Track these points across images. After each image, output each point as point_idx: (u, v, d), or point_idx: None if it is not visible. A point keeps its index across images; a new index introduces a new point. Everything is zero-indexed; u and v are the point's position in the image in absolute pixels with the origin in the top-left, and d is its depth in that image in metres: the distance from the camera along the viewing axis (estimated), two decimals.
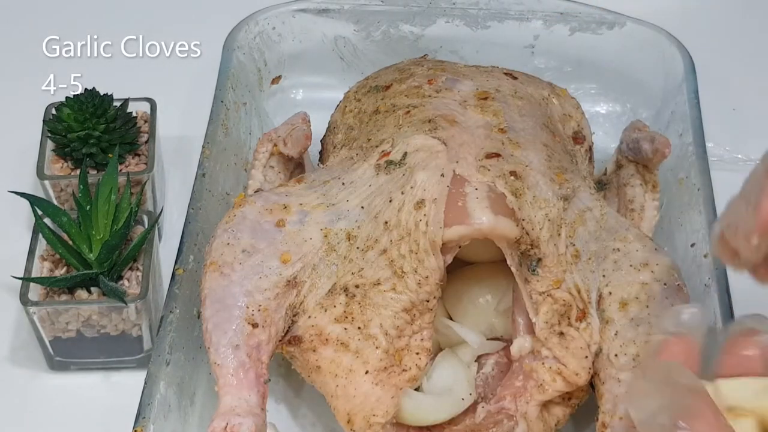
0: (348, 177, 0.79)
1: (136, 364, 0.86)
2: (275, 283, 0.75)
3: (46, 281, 0.82)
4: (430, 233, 0.73)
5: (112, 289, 0.81)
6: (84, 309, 0.82)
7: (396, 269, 0.74)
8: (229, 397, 0.70)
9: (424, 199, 0.74)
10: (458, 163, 0.76)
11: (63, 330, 0.83)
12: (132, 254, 0.84)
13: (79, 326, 0.83)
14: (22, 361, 0.87)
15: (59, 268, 0.85)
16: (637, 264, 0.76)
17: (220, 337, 0.72)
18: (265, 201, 0.78)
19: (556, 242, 0.76)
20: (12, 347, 0.88)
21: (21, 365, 0.87)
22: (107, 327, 0.83)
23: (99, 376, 0.86)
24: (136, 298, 0.82)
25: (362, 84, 0.92)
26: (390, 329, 0.73)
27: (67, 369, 0.86)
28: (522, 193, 0.76)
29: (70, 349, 0.85)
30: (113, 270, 0.83)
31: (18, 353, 0.88)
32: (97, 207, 0.84)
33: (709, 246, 0.83)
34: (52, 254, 0.85)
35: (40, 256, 0.85)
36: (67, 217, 0.84)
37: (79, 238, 0.83)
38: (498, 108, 0.83)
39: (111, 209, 0.84)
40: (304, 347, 0.74)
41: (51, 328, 0.83)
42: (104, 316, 0.82)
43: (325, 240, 0.76)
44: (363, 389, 0.72)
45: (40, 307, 0.81)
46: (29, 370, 0.87)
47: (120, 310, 0.82)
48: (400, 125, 0.82)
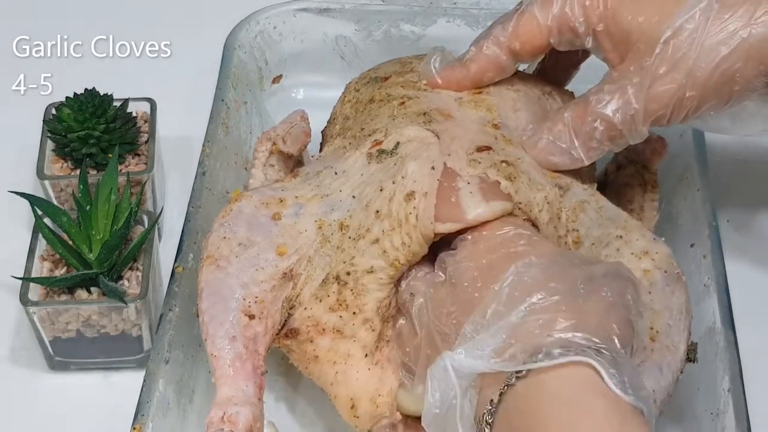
0: (340, 166, 0.79)
1: (136, 364, 0.86)
2: (271, 275, 0.75)
3: (46, 281, 0.82)
4: (421, 227, 0.73)
5: (112, 289, 0.81)
6: (84, 309, 0.82)
7: (392, 261, 0.74)
8: (226, 388, 0.70)
9: (414, 191, 0.73)
10: (450, 156, 0.76)
11: (63, 330, 0.83)
12: (132, 254, 0.84)
13: (79, 326, 0.83)
14: (22, 361, 0.87)
15: (59, 268, 0.85)
16: (638, 252, 0.76)
17: (216, 329, 0.71)
18: (261, 195, 0.78)
19: (556, 225, 0.76)
20: (12, 347, 0.88)
21: (21, 365, 0.87)
22: (107, 327, 0.83)
23: (99, 376, 0.86)
24: (136, 298, 0.82)
25: (364, 75, 0.92)
26: (384, 311, 0.74)
27: (67, 369, 0.86)
28: (516, 177, 0.75)
29: (70, 349, 0.85)
30: (113, 270, 0.83)
31: (18, 353, 0.88)
32: (97, 207, 0.84)
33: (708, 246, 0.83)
34: (52, 254, 0.85)
35: (40, 256, 0.85)
36: (67, 217, 0.83)
37: (79, 238, 0.83)
38: (492, 102, 0.82)
39: (111, 209, 0.84)
40: (301, 338, 0.75)
41: (51, 328, 0.83)
42: (104, 316, 0.82)
43: (320, 231, 0.76)
44: (365, 371, 0.73)
45: (40, 307, 0.81)
46: (29, 370, 0.87)
47: (120, 310, 0.82)
48: (394, 116, 0.81)
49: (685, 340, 0.74)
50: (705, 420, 0.77)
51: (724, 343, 0.77)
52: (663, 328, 0.73)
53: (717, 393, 0.76)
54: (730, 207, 0.96)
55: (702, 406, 0.78)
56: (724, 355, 0.76)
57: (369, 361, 0.73)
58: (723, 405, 0.75)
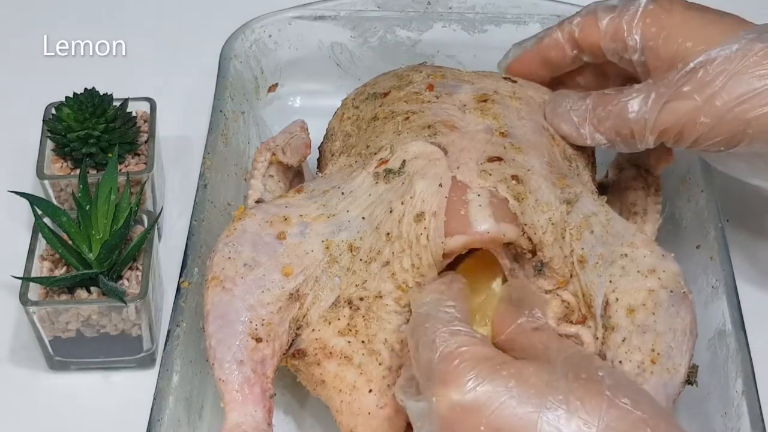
0: (347, 186, 0.79)
1: (135, 364, 0.86)
2: (278, 297, 0.74)
3: (45, 281, 0.82)
4: (432, 247, 0.73)
5: (111, 289, 0.81)
6: (84, 309, 0.82)
7: (400, 284, 0.74)
8: (235, 414, 0.69)
9: (423, 212, 0.73)
10: (459, 168, 0.76)
11: (63, 330, 0.83)
12: (132, 254, 0.84)
13: (78, 326, 0.83)
14: (22, 361, 0.87)
15: (59, 267, 0.85)
16: (645, 270, 0.75)
17: (224, 353, 0.71)
18: (265, 213, 0.78)
19: (561, 245, 0.76)
20: (12, 347, 0.88)
21: (21, 365, 0.87)
22: (107, 327, 0.83)
23: (99, 376, 0.86)
24: (135, 298, 0.81)
25: (360, 91, 0.91)
26: (394, 344, 0.73)
27: (66, 369, 0.86)
28: (524, 197, 0.75)
29: (69, 348, 0.85)
30: (113, 270, 0.83)
31: (18, 353, 0.87)
32: (97, 207, 0.84)
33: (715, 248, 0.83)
34: (52, 254, 0.85)
35: (40, 255, 0.85)
36: (67, 216, 0.83)
37: (78, 237, 0.83)
38: (498, 111, 0.82)
39: (111, 209, 0.84)
40: (308, 360, 0.74)
41: (51, 327, 0.83)
42: (104, 315, 0.82)
43: (327, 252, 0.76)
44: (367, 409, 0.72)
45: (39, 306, 0.81)
46: (29, 370, 0.86)
47: (120, 309, 0.82)
48: (399, 131, 0.81)
49: (686, 362, 0.73)
50: (718, 423, 0.76)
51: (736, 345, 0.76)
52: (665, 350, 0.72)
53: (730, 396, 0.75)
54: (731, 207, 0.96)
55: (715, 410, 0.77)
56: (736, 358, 0.76)
57: (375, 400, 0.72)
58: (737, 408, 0.74)
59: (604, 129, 0.81)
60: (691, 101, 0.76)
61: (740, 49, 0.76)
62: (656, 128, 0.78)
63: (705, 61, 0.76)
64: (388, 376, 0.72)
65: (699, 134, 0.77)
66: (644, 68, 0.81)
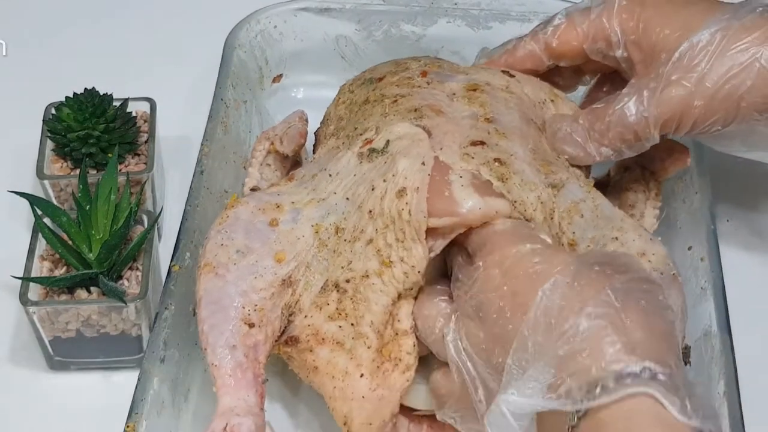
0: (333, 167, 0.79)
1: (135, 364, 0.86)
2: (270, 283, 0.74)
3: (45, 281, 0.82)
4: (414, 222, 0.72)
5: (111, 289, 0.81)
6: (84, 309, 0.82)
7: (383, 259, 0.73)
8: (228, 398, 0.70)
9: (405, 188, 0.73)
10: (442, 149, 0.76)
11: (63, 330, 0.83)
12: (132, 254, 0.84)
13: (78, 326, 0.83)
14: (21, 361, 0.87)
15: (59, 267, 0.85)
16: (635, 253, 0.75)
17: (216, 338, 0.71)
18: (257, 201, 0.78)
19: (550, 225, 0.76)
20: (12, 347, 0.88)
21: (21, 365, 0.87)
22: (107, 327, 0.83)
23: (99, 376, 0.86)
24: (135, 298, 0.82)
25: (358, 77, 0.92)
26: (380, 325, 0.73)
27: (66, 369, 0.86)
28: (508, 177, 0.75)
29: (69, 348, 0.85)
30: (113, 270, 0.83)
31: (18, 353, 0.88)
32: (97, 207, 0.84)
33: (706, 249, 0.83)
34: (52, 254, 0.85)
35: (40, 255, 0.85)
36: (67, 216, 0.83)
37: (78, 237, 0.83)
38: (485, 99, 0.83)
39: (111, 209, 0.84)
40: (301, 347, 0.74)
41: (51, 327, 0.83)
42: (104, 315, 0.82)
43: (317, 236, 0.76)
44: (360, 393, 0.72)
45: (39, 306, 0.81)
46: (29, 370, 0.87)
47: (120, 309, 0.82)
48: (386, 114, 0.82)
49: None
50: None
51: (720, 347, 0.77)
52: None
53: (712, 397, 0.75)
54: (731, 207, 0.96)
55: None
56: (719, 359, 0.76)
57: (367, 384, 0.72)
58: (718, 409, 0.74)
59: (608, 141, 0.81)
60: (683, 88, 0.78)
61: (719, 30, 0.77)
62: (656, 123, 0.79)
63: (689, 47, 0.78)
64: (377, 358, 0.72)
65: (696, 118, 0.78)
66: (629, 63, 0.83)
